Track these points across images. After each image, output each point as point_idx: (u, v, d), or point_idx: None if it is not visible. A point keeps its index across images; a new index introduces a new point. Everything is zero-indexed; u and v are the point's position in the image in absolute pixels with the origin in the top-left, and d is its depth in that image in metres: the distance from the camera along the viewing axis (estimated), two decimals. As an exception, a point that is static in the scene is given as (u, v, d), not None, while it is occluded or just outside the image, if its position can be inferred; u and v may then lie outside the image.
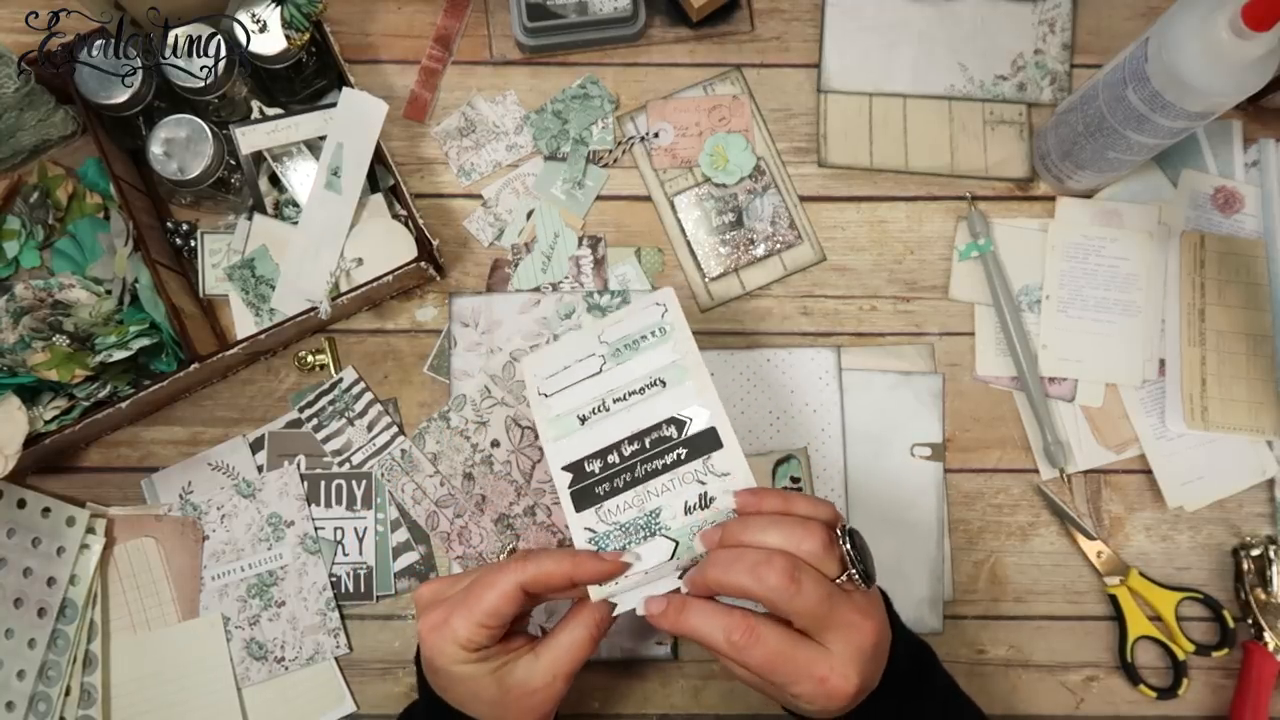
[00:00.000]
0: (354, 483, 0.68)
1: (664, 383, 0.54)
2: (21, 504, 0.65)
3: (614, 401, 0.54)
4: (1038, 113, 0.73)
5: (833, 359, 0.70)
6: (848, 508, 0.68)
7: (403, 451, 0.68)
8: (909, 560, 0.67)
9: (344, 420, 0.68)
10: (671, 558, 0.50)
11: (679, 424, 0.53)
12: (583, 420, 0.54)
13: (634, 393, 0.54)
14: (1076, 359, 0.70)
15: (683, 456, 0.52)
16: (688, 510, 0.51)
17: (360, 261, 0.67)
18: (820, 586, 0.45)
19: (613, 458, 0.53)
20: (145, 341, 0.64)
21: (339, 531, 0.67)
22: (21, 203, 0.68)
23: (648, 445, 0.53)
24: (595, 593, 0.50)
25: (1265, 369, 0.69)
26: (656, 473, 0.52)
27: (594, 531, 0.52)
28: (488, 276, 0.71)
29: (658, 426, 0.53)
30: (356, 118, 0.65)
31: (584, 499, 0.53)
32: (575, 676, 0.52)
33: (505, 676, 0.50)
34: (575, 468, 0.53)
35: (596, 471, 0.53)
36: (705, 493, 0.51)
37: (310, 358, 0.69)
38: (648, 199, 0.72)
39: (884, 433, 0.69)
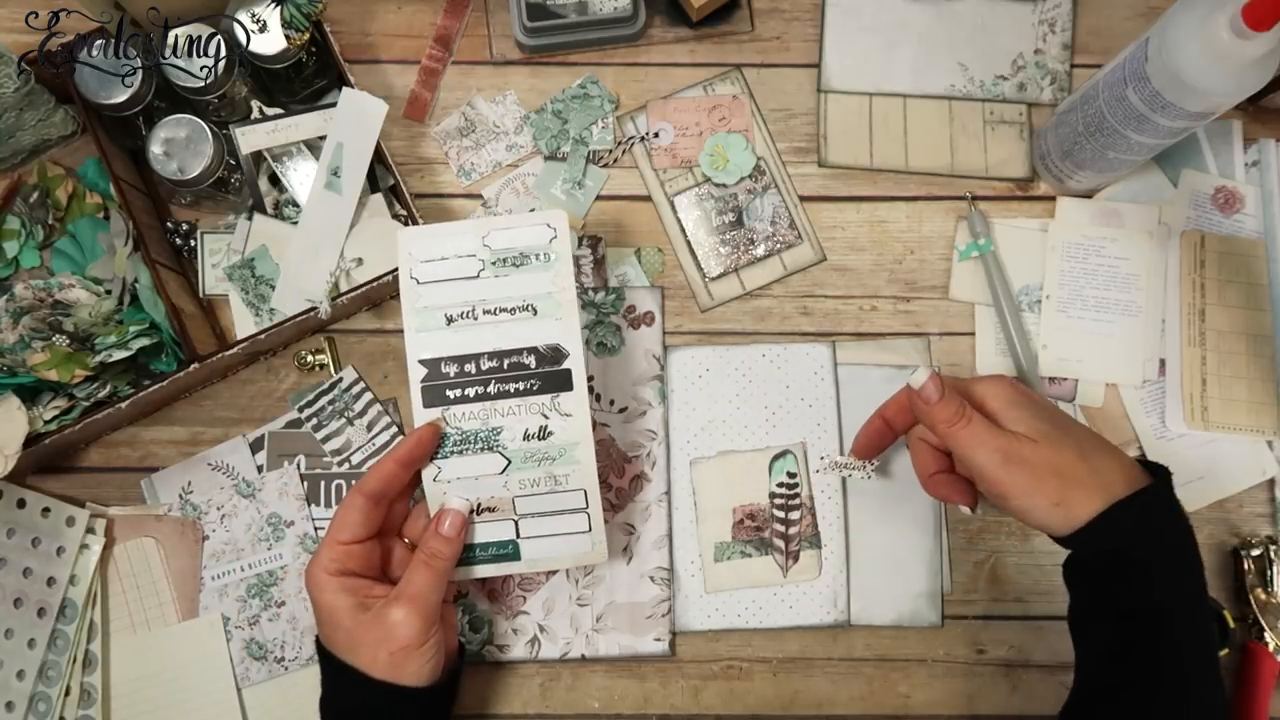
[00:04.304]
0: (354, 483, 0.68)
1: (535, 310, 0.56)
2: (21, 504, 0.65)
3: (484, 313, 0.56)
4: (1038, 113, 0.73)
5: (828, 354, 0.70)
6: (844, 502, 0.68)
7: (402, 451, 0.68)
8: (906, 554, 0.67)
9: (344, 420, 0.68)
10: (501, 473, 0.55)
11: (539, 356, 0.56)
12: (449, 321, 0.56)
13: (505, 310, 0.56)
14: (1076, 359, 0.69)
15: (535, 387, 0.56)
16: (526, 437, 0.56)
17: (360, 261, 0.67)
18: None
19: (470, 367, 0.56)
20: (145, 341, 0.64)
21: (339, 531, 0.67)
22: (21, 203, 0.68)
23: (505, 367, 0.56)
24: (430, 488, 0.56)
25: (1265, 369, 0.69)
26: (507, 395, 0.56)
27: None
28: (488, 276, 0.71)
29: (519, 352, 0.56)
30: (356, 118, 0.65)
31: (433, 397, 0.56)
32: (426, 609, 0.54)
33: (361, 611, 0.53)
34: (431, 364, 0.56)
35: (451, 375, 0.56)
36: (546, 426, 0.56)
37: (310, 358, 0.69)
38: (648, 199, 0.72)
39: (883, 431, 0.69)
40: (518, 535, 0.57)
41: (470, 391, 0.56)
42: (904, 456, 0.68)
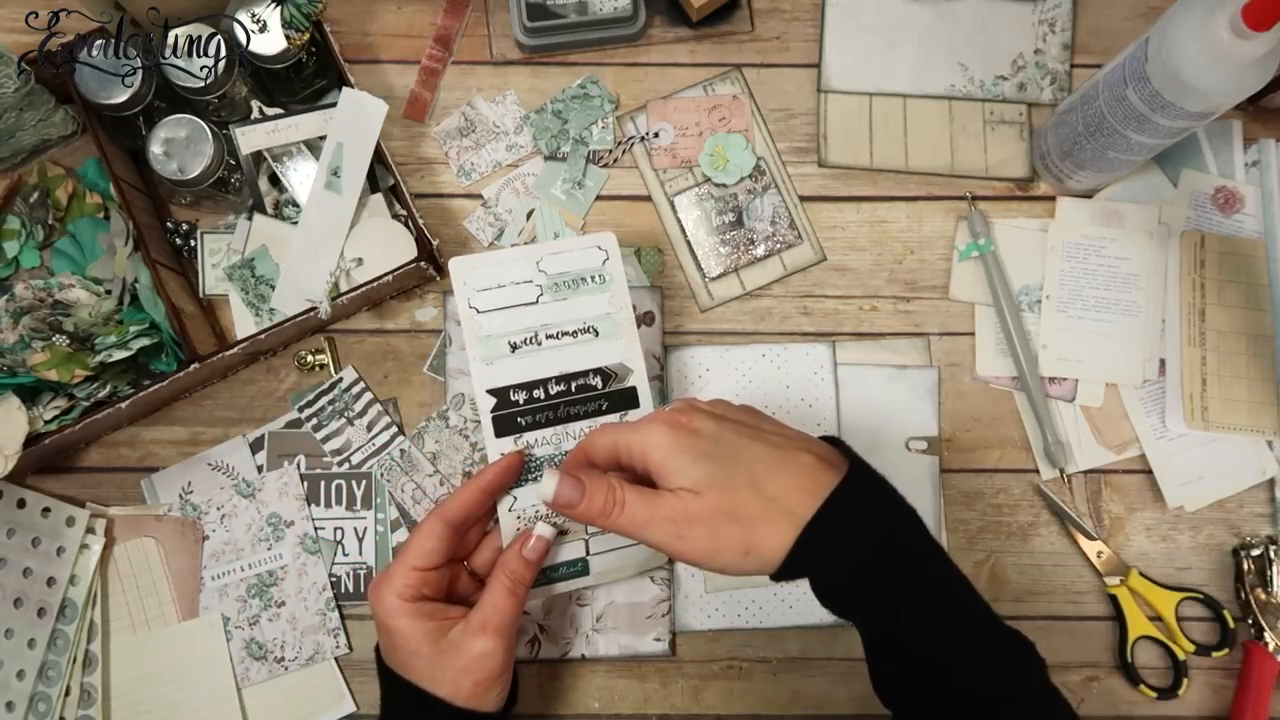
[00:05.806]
0: (354, 483, 0.68)
1: (597, 332, 0.57)
2: (21, 504, 0.65)
3: (547, 337, 0.57)
4: (1038, 113, 0.73)
5: (828, 354, 0.70)
6: (848, 508, 0.67)
7: (402, 451, 0.68)
8: (909, 560, 0.67)
9: (344, 420, 0.68)
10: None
11: (605, 376, 0.57)
12: (514, 348, 0.56)
13: (567, 334, 0.57)
14: (1076, 359, 0.69)
15: (603, 407, 0.57)
16: None
17: (360, 261, 0.67)
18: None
19: (538, 393, 0.56)
20: (145, 341, 0.64)
21: (339, 531, 0.67)
22: (21, 203, 0.68)
23: (573, 389, 0.56)
24: (505, 519, 0.55)
25: (1265, 369, 0.69)
26: (577, 417, 0.56)
27: None
28: (488, 276, 0.71)
29: (585, 374, 0.56)
30: (356, 118, 0.65)
31: (505, 426, 0.56)
32: (509, 639, 0.53)
33: (440, 637, 0.52)
34: (500, 394, 0.56)
35: (521, 402, 0.56)
36: None
37: (310, 358, 0.69)
38: (648, 199, 0.72)
39: (880, 427, 0.69)
40: (587, 553, 0.57)
41: (541, 417, 0.56)
42: (902, 455, 0.68)
